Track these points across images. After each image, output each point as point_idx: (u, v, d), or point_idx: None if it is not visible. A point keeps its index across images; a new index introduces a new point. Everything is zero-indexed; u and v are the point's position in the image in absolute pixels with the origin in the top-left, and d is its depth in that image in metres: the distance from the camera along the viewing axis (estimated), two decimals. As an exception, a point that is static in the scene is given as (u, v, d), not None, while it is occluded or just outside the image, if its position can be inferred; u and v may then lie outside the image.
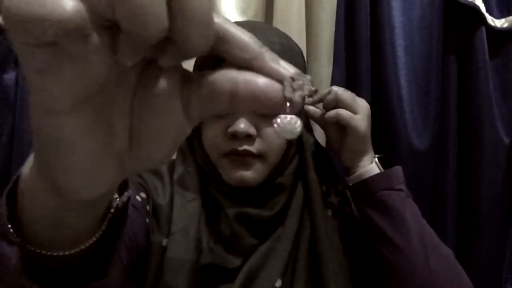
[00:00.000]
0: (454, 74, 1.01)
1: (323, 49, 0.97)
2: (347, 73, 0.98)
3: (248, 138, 0.56)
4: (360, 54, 0.96)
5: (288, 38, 0.59)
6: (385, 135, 0.98)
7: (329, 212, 0.58)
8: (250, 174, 0.56)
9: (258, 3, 0.94)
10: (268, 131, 0.55)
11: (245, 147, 0.56)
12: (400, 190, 0.57)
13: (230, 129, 0.54)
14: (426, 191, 0.99)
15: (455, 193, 1.01)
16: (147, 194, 0.58)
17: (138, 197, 0.56)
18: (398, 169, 0.58)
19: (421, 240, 0.53)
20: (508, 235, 1.03)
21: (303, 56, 0.61)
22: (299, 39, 0.92)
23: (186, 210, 0.57)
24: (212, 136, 0.58)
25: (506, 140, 1.00)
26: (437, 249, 0.54)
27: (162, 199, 0.58)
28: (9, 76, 1.00)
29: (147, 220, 0.57)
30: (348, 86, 0.97)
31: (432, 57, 0.98)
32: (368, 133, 0.58)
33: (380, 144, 0.98)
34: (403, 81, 0.97)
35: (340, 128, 0.59)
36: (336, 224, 0.58)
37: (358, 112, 0.57)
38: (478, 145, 1.00)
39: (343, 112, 0.57)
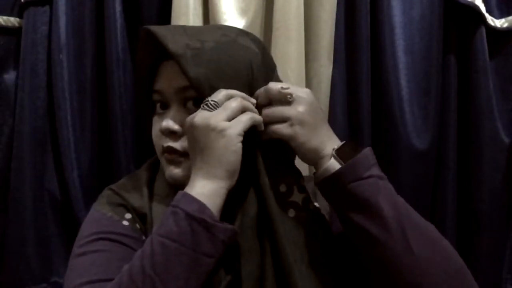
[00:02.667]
0: (454, 74, 1.01)
1: (323, 49, 0.97)
2: (347, 73, 0.98)
3: (173, 135, 0.58)
4: (360, 54, 0.96)
5: (239, 33, 0.59)
6: (385, 135, 0.98)
7: (291, 213, 0.55)
8: (178, 171, 0.58)
9: (257, 3, 0.94)
10: None
11: (169, 144, 0.58)
12: (369, 177, 0.52)
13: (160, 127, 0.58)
14: (426, 191, 0.99)
15: (455, 193, 1.01)
16: (131, 211, 0.61)
17: (125, 222, 0.60)
18: (364, 154, 0.54)
19: (399, 226, 0.50)
20: (508, 235, 1.03)
21: (255, 54, 0.58)
22: (299, 39, 0.92)
23: (162, 207, 0.59)
24: (153, 135, 0.62)
25: (506, 140, 1.00)
26: (417, 230, 0.51)
27: (145, 208, 0.61)
28: (9, 76, 1.01)
29: (143, 237, 0.59)
30: (348, 86, 0.98)
31: (432, 57, 0.98)
32: (311, 132, 0.54)
33: (380, 144, 0.98)
34: (403, 81, 0.96)
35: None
36: (301, 224, 0.55)
37: (289, 117, 0.54)
38: (478, 145, 1.00)
39: (268, 131, 0.55)
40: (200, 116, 0.51)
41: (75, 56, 0.97)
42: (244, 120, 0.52)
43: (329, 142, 0.55)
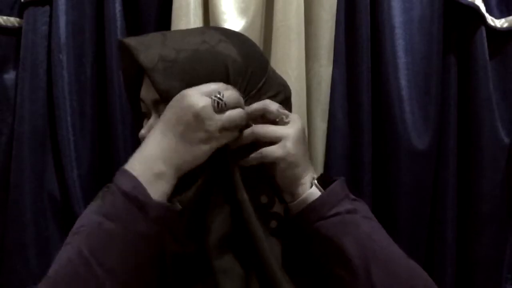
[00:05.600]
0: (454, 74, 1.01)
1: (323, 49, 0.97)
2: (347, 73, 0.98)
3: None
4: (360, 54, 0.96)
5: (221, 39, 0.57)
6: (385, 135, 0.98)
7: (273, 224, 0.55)
8: None
9: (258, 3, 0.94)
10: None
11: None
12: (335, 215, 0.52)
13: None
14: (426, 191, 0.99)
15: (455, 193, 1.01)
16: None
17: None
18: (331, 190, 0.54)
19: (365, 266, 0.51)
20: (508, 235, 1.03)
21: (233, 61, 0.56)
22: (299, 39, 0.92)
23: None
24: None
25: (506, 140, 1.00)
26: (382, 264, 0.52)
27: None
28: (9, 76, 1.01)
29: None
30: (348, 86, 0.98)
31: (432, 57, 0.98)
32: (301, 155, 0.54)
33: (380, 144, 0.98)
34: (403, 81, 0.96)
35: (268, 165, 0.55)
36: (284, 236, 0.55)
37: (286, 136, 0.54)
38: (478, 145, 1.00)
39: (258, 155, 0.54)
40: (206, 110, 0.49)
41: (75, 56, 0.97)
42: (227, 137, 0.52)
43: (309, 171, 0.56)
